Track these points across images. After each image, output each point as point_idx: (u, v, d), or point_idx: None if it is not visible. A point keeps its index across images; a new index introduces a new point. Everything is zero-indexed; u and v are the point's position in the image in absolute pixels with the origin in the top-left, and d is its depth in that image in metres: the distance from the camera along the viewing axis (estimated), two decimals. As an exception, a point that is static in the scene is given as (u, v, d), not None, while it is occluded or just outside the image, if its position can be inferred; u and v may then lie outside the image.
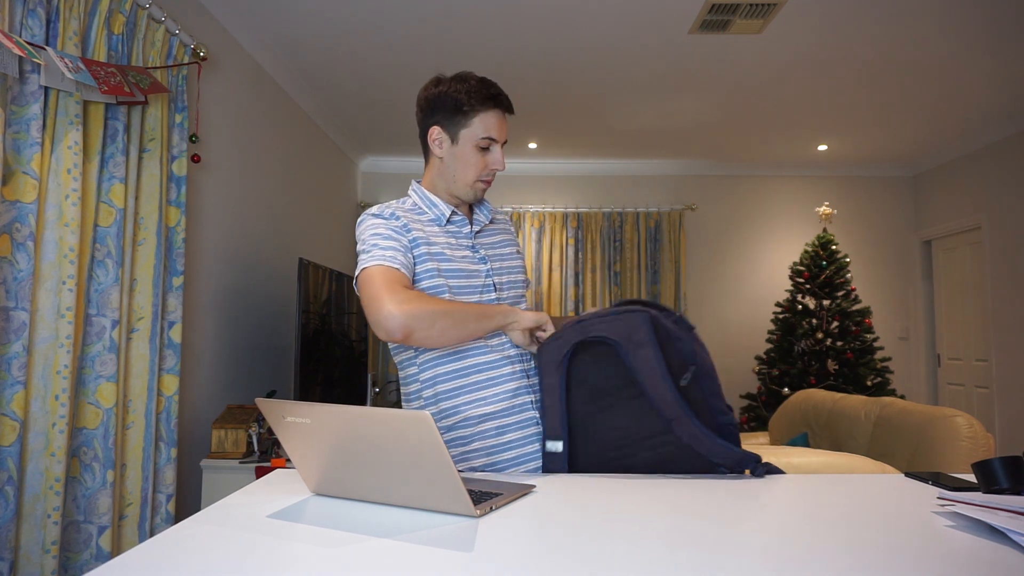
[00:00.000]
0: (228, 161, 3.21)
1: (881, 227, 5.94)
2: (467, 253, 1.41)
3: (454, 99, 1.36)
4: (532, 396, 1.40)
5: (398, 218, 1.37)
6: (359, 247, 1.35)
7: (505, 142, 1.42)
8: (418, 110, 1.44)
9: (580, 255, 5.72)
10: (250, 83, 3.46)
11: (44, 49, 1.84)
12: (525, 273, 1.56)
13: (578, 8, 3.14)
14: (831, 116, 4.65)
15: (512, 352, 1.40)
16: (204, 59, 2.65)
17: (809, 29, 3.34)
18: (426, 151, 1.45)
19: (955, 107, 4.47)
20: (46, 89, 1.90)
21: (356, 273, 1.32)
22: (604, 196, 5.87)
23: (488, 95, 1.37)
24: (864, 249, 5.91)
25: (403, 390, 1.45)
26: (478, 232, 1.47)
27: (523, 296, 1.52)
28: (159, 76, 2.36)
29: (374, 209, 1.40)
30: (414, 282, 1.35)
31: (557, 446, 1.26)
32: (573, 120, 4.76)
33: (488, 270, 1.42)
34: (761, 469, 1.20)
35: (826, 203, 5.59)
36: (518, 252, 1.54)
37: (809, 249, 5.11)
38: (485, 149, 1.39)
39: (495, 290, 1.42)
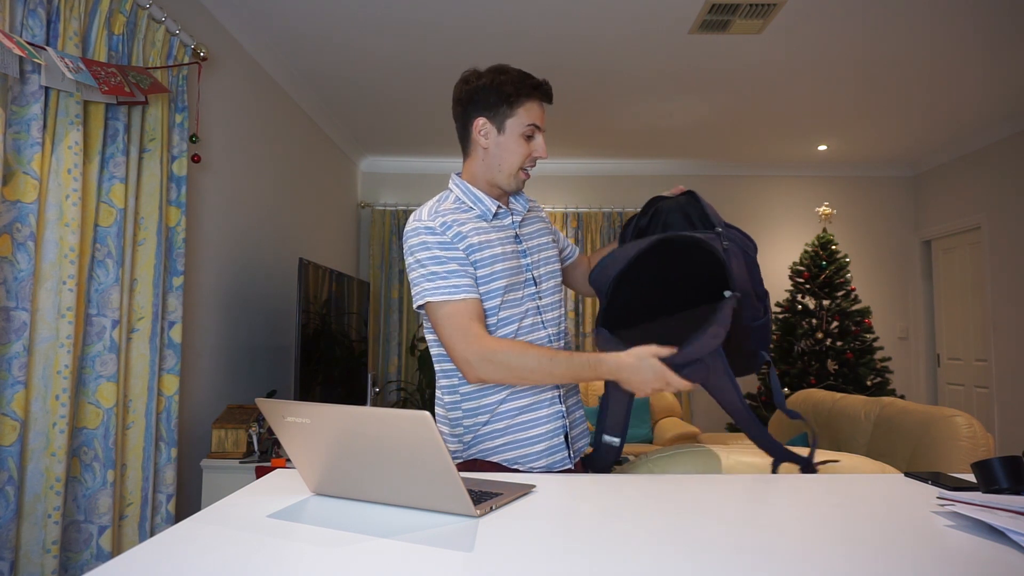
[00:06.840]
0: (228, 161, 3.21)
1: (881, 227, 5.94)
2: (512, 247, 1.45)
3: (499, 90, 1.40)
4: (559, 391, 1.45)
5: (449, 227, 1.37)
6: (410, 261, 1.37)
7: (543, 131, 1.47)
8: (458, 105, 1.46)
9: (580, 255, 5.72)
10: (250, 83, 3.46)
11: (44, 49, 1.84)
12: (560, 255, 1.61)
13: (578, 8, 3.14)
14: (831, 116, 4.65)
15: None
16: (204, 59, 2.65)
17: (809, 29, 3.34)
18: (467, 144, 1.47)
19: (955, 107, 4.47)
20: (46, 89, 1.90)
21: (420, 300, 1.35)
22: (604, 196, 5.87)
23: (532, 85, 1.42)
24: (864, 249, 5.91)
25: (438, 371, 1.47)
26: (520, 222, 1.51)
27: (559, 287, 1.55)
28: (159, 76, 2.36)
29: (423, 216, 1.40)
30: None
31: (615, 441, 1.33)
32: (573, 120, 4.76)
33: (528, 264, 1.47)
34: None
35: (826, 203, 5.58)
36: (553, 241, 1.59)
37: (809, 249, 5.10)
38: (529, 137, 1.43)
39: (535, 284, 1.47)
